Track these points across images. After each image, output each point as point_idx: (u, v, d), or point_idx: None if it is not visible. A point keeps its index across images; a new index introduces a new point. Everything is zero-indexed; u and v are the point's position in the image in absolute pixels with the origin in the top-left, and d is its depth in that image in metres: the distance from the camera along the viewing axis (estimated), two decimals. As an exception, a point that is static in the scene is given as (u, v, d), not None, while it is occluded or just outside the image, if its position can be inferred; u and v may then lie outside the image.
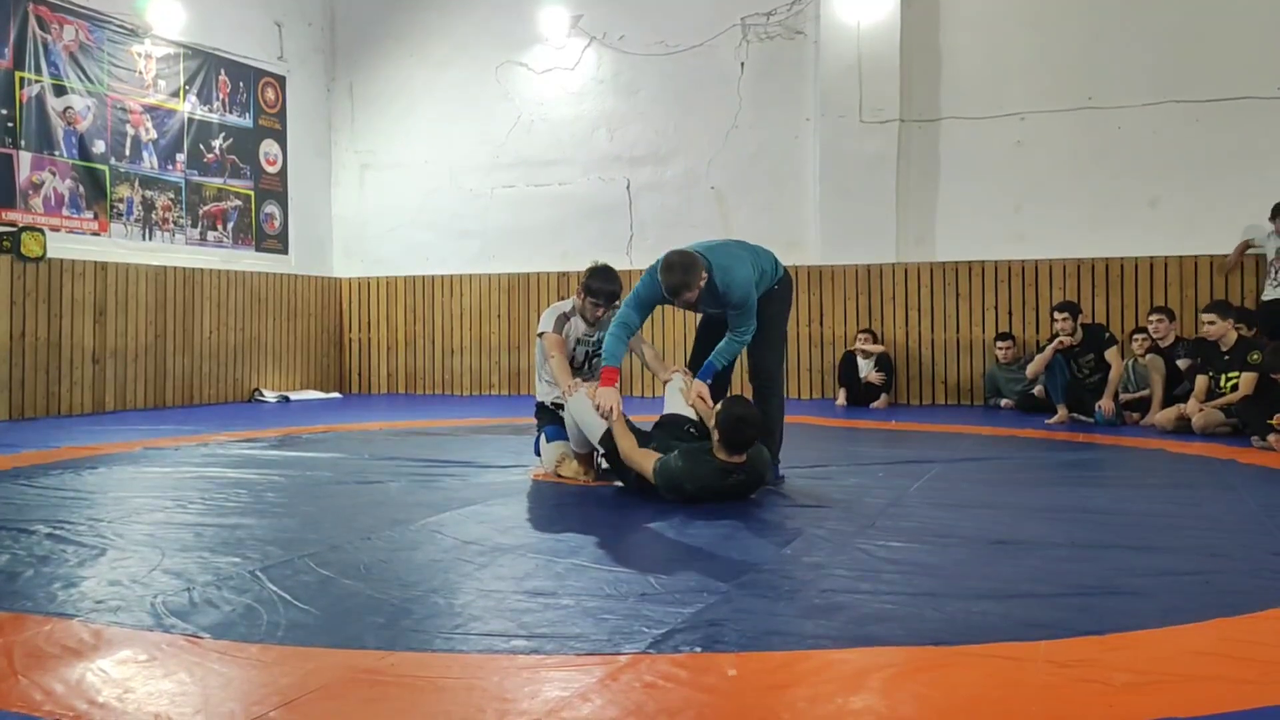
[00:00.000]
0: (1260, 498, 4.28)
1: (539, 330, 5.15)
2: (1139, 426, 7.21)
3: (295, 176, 10.88)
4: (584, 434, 4.53)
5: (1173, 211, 8.83)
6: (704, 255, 4.44)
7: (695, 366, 4.75)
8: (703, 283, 4.37)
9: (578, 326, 5.14)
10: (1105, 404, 7.29)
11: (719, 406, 4.18)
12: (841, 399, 9.08)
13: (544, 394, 5.18)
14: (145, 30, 9.20)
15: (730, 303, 4.46)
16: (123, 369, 8.93)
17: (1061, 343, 7.47)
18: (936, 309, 9.44)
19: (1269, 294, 7.93)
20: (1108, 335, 7.68)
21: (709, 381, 4.59)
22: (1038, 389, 8.07)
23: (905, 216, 9.50)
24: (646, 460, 4.22)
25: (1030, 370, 7.87)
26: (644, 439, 4.41)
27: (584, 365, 5.18)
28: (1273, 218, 7.94)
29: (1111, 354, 7.46)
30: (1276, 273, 7.89)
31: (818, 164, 9.63)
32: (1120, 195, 8.96)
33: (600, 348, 5.22)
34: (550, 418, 5.07)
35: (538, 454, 5.10)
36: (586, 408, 4.46)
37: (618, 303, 5.18)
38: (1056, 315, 7.65)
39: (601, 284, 5.04)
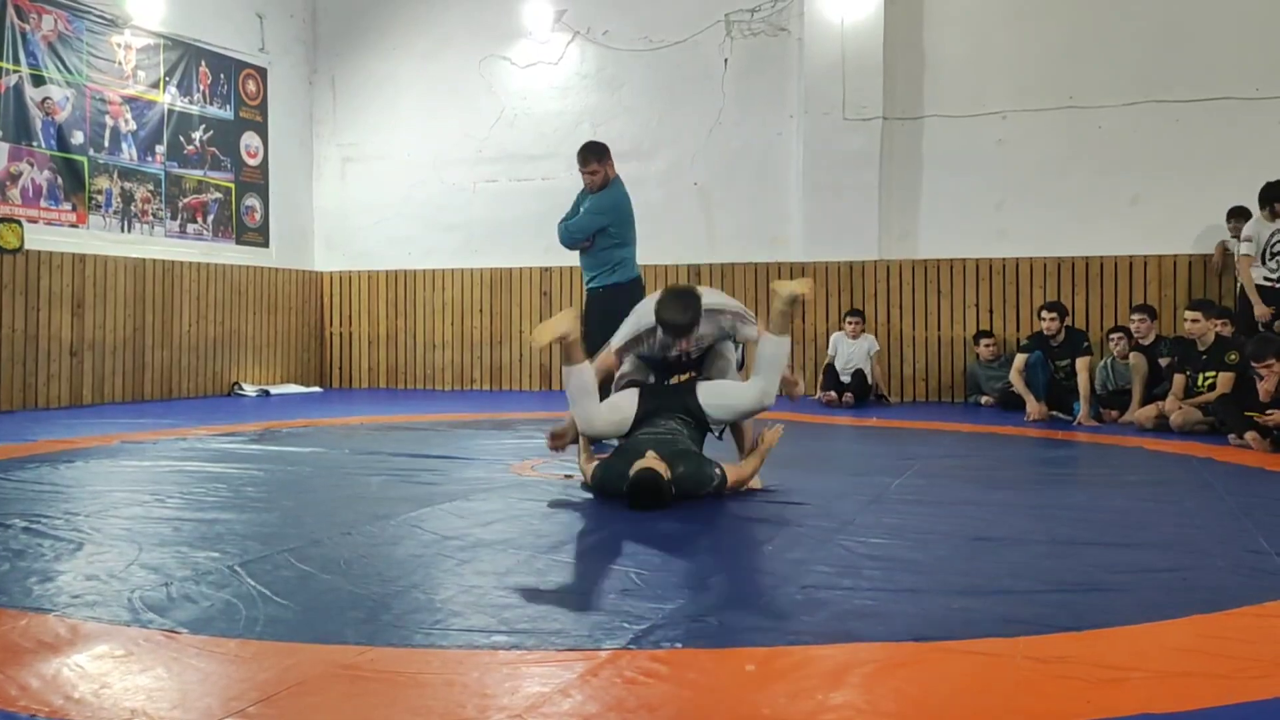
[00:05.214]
0: (1237, 495, 4.31)
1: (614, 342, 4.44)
2: (1118, 424, 7.26)
3: (276, 169, 10.81)
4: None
5: (1153, 210, 8.89)
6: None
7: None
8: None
9: (659, 343, 4.31)
10: (1083, 415, 7.29)
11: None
12: (830, 396, 8.90)
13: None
14: (124, 20, 9.12)
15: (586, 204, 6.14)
16: (100, 362, 8.86)
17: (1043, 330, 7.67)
18: (918, 306, 9.48)
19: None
20: (1085, 344, 7.72)
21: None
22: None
23: (887, 214, 9.53)
24: (590, 465, 4.23)
25: (1013, 376, 7.83)
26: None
27: (679, 359, 4.42)
28: (1228, 220, 8.06)
29: (1080, 364, 7.47)
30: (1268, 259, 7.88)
31: (801, 161, 9.64)
32: (1101, 194, 9.02)
33: (699, 351, 4.42)
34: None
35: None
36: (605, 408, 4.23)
37: (697, 333, 4.23)
38: (1045, 314, 7.72)
39: (671, 316, 4.09)
